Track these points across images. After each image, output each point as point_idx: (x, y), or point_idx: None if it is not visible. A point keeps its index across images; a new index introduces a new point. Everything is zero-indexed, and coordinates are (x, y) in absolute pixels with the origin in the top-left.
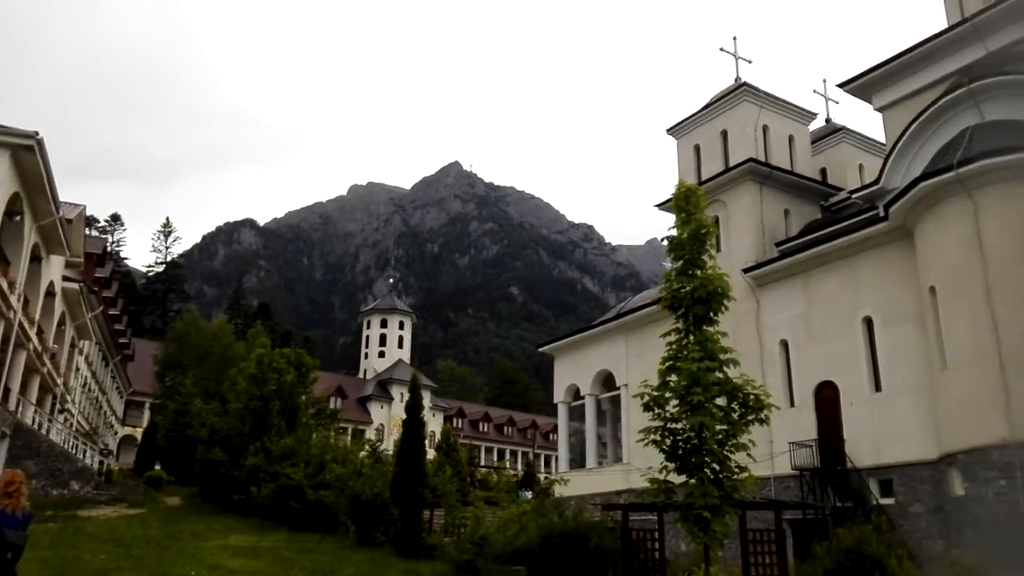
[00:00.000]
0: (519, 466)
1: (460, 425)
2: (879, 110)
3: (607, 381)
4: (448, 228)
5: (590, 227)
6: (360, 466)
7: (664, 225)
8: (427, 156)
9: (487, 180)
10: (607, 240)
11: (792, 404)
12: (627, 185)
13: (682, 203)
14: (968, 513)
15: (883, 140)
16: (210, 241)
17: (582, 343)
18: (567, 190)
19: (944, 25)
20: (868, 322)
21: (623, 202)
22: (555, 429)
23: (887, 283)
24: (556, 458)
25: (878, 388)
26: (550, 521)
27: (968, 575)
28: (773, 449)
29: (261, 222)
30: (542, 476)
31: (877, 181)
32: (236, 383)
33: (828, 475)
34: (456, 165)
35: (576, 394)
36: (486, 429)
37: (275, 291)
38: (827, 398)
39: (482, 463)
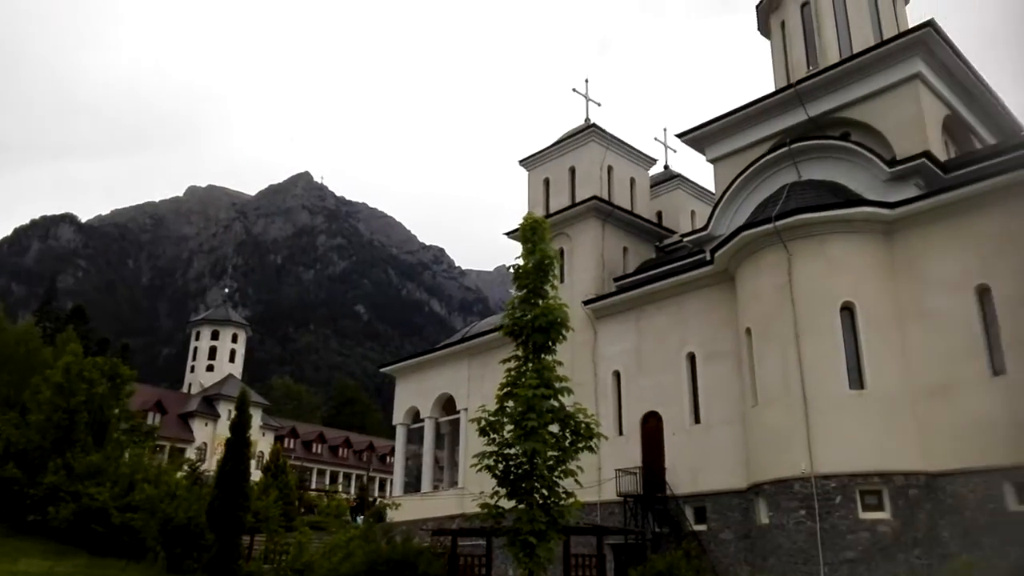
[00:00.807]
0: (352, 489)
1: (292, 446)
2: (711, 161)
3: (448, 404)
4: (294, 240)
5: (441, 249)
6: (175, 487)
7: (514, 253)
8: (275, 163)
9: (338, 194)
10: (457, 264)
11: (621, 432)
12: (480, 210)
13: (529, 234)
14: (771, 540)
15: (713, 189)
16: (22, 235)
17: (425, 365)
18: (420, 211)
19: (773, 88)
20: (692, 358)
21: (475, 227)
22: (393, 452)
23: (710, 322)
24: (392, 481)
25: (697, 420)
26: (377, 547)
27: None
28: (601, 476)
29: (83, 218)
30: (375, 500)
31: (706, 227)
32: (39, 392)
33: (649, 502)
34: (306, 175)
35: (416, 416)
36: (320, 451)
37: (94, 293)
38: (652, 428)
39: (314, 486)
